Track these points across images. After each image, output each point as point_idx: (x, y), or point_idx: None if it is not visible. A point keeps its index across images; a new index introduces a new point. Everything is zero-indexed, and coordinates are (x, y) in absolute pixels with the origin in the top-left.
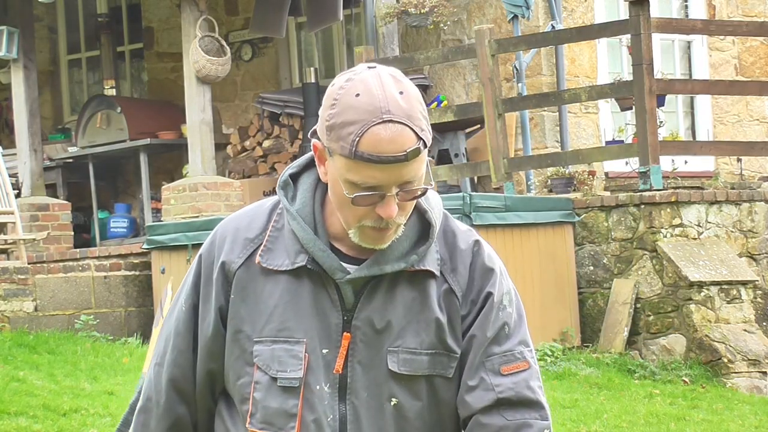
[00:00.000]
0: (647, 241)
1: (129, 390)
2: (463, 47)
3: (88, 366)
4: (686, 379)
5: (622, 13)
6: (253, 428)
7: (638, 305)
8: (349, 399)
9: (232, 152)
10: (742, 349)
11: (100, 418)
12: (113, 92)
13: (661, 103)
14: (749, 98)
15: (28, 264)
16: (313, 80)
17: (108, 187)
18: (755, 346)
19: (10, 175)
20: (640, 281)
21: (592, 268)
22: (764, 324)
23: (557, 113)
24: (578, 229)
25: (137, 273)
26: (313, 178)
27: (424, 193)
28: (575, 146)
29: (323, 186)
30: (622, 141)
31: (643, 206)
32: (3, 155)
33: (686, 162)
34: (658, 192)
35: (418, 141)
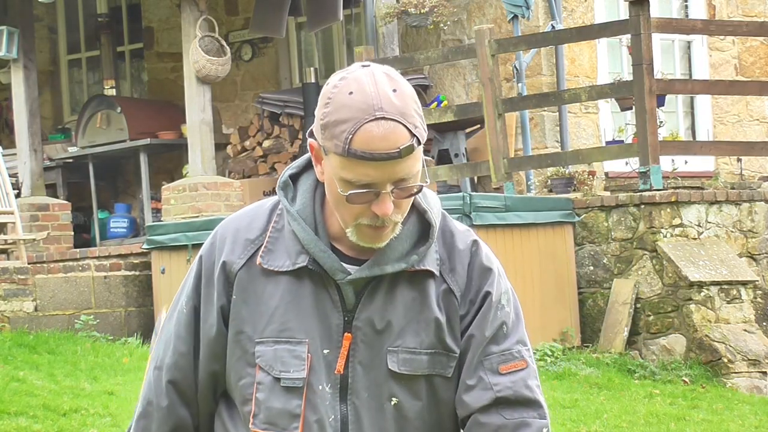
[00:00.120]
0: (647, 241)
1: (129, 390)
2: (463, 47)
3: (88, 366)
4: (686, 379)
5: (622, 13)
6: (256, 428)
7: (638, 305)
8: (350, 399)
9: (232, 152)
10: (742, 349)
11: (100, 418)
12: (113, 92)
13: (661, 103)
14: (749, 98)
15: (28, 264)
16: (313, 80)
17: (108, 187)
18: (755, 346)
19: (10, 175)
20: (640, 281)
21: (592, 268)
22: (764, 324)
23: (557, 113)
24: (578, 229)
25: (137, 273)
26: (312, 179)
27: (419, 190)
28: (575, 146)
29: (323, 186)
30: (622, 141)
31: (643, 206)
32: (3, 155)
33: (686, 162)
34: (658, 192)
35: (411, 138)
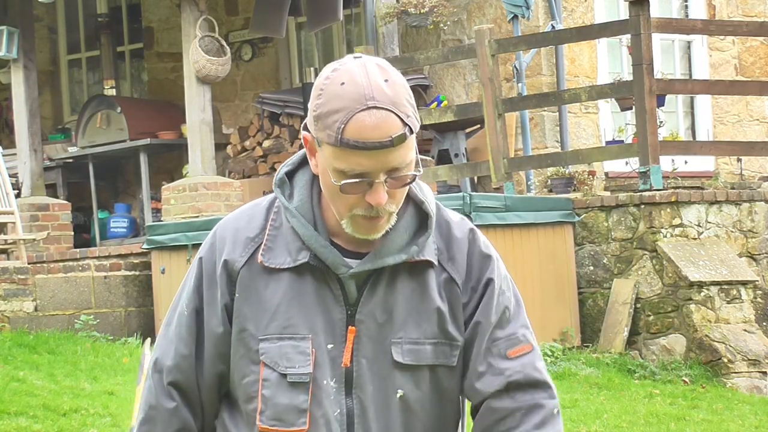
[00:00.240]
0: (647, 241)
1: (129, 390)
2: (463, 47)
3: (88, 366)
4: (686, 379)
5: (622, 13)
6: (264, 425)
7: (638, 305)
8: (355, 393)
9: (232, 152)
10: (742, 349)
11: (100, 418)
12: (113, 92)
13: (661, 103)
14: (749, 98)
15: (28, 264)
16: (313, 80)
17: (108, 187)
18: (755, 346)
19: (10, 175)
20: (640, 281)
21: (592, 268)
22: (764, 324)
23: (557, 113)
24: (578, 229)
25: (137, 273)
26: (308, 175)
27: (413, 179)
28: (575, 146)
29: (319, 182)
30: (622, 141)
31: (643, 206)
32: (3, 155)
33: (686, 162)
34: (658, 192)
35: (403, 127)
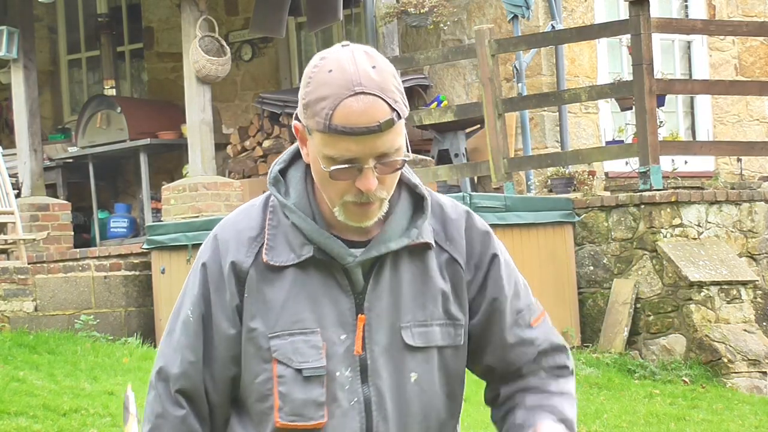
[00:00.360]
0: (647, 241)
1: None
2: (463, 47)
3: (88, 366)
4: (686, 379)
5: (622, 13)
6: (283, 422)
7: (638, 305)
8: (371, 380)
9: (232, 152)
10: (742, 349)
11: (100, 418)
12: (113, 92)
13: (661, 103)
14: (749, 98)
15: (28, 264)
16: None
17: (108, 187)
18: (755, 346)
19: (10, 175)
20: (640, 281)
21: (592, 268)
22: (764, 324)
23: (557, 113)
24: (578, 229)
25: (137, 273)
26: (302, 170)
27: (402, 165)
28: (575, 146)
29: (312, 176)
30: (622, 141)
31: (643, 206)
32: (3, 155)
33: (686, 162)
34: (658, 192)
35: (391, 112)
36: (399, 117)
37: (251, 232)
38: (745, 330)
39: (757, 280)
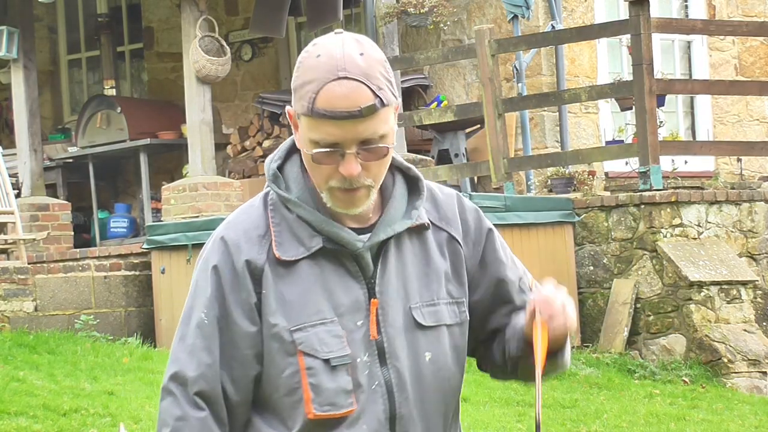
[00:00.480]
0: (647, 241)
1: (129, 390)
2: (463, 47)
3: (88, 366)
4: (686, 379)
5: (622, 13)
6: (318, 413)
7: (638, 305)
8: (389, 362)
9: (232, 152)
10: (742, 349)
11: (100, 418)
12: (113, 92)
13: (661, 103)
14: (749, 98)
15: (28, 264)
16: None
17: (108, 187)
18: (755, 346)
19: (10, 175)
20: (640, 281)
21: (592, 268)
22: (764, 324)
23: (557, 113)
24: (578, 229)
25: (137, 273)
26: (298, 165)
27: (386, 153)
28: (575, 146)
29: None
30: (622, 141)
31: (643, 206)
32: (3, 155)
33: (686, 162)
34: (658, 192)
35: (374, 98)
36: (383, 104)
37: (258, 230)
38: (745, 330)
39: (757, 280)
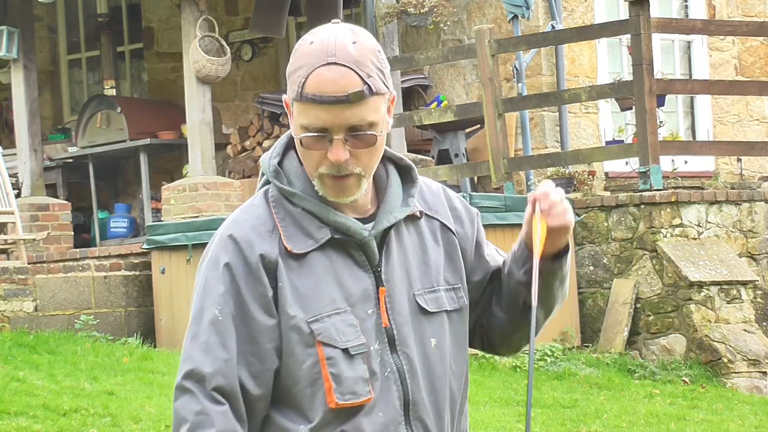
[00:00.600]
0: (647, 241)
1: (129, 390)
2: (463, 47)
3: (88, 366)
4: (686, 379)
5: (622, 13)
6: (340, 402)
7: (638, 305)
8: (400, 349)
9: (232, 152)
10: (742, 349)
11: (100, 418)
12: (113, 92)
13: (661, 103)
14: (749, 98)
15: (28, 264)
16: None
17: (108, 187)
18: (755, 346)
19: (10, 175)
20: (640, 281)
21: (592, 268)
22: (764, 324)
23: (557, 113)
24: (578, 229)
25: (137, 273)
26: (296, 160)
27: (374, 141)
28: (575, 146)
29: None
30: (622, 141)
31: (643, 206)
32: (3, 155)
33: (686, 162)
34: (658, 192)
35: (363, 85)
36: (371, 91)
37: (266, 225)
38: (745, 330)
39: (757, 280)
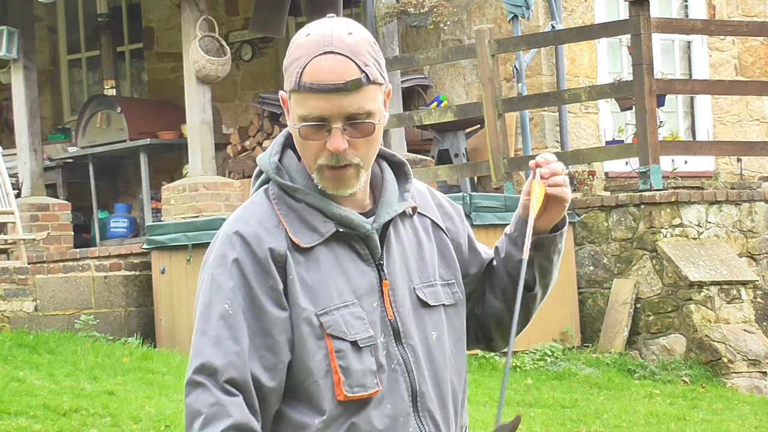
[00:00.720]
0: (647, 241)
1: (129, 390)
2: (463, 47)
3: (88, 366)
4: (686, 379)
5: (622, 13)
6: (349, 394)
7: (638, 305)
8: (405, 342)
9: (232, 152)
10: (742, 349)
11: (100, 418)
12: (113, 92)
13: (661, 103)
14: (749, 98)
15: (28, 264)
16: None
17: (108, 187)
18: (755, 346)
19: (10, 175)
20: (640, 281)
21: (592, 268)
22: (764, 324)
23: (557, 113)
24: (578, 229)
25: (137, 273)
26: (295, 157)
27: (373, 130)
28: (575, 146)
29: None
30: (622, 141)
31: (643, 206)
32: (3, 155)
33: (686, 162)
34: (658, 192)
35: (360, 73)
36: (368, 80)
37: (271, 221)
38: (745, 330)
39: (757, 280)
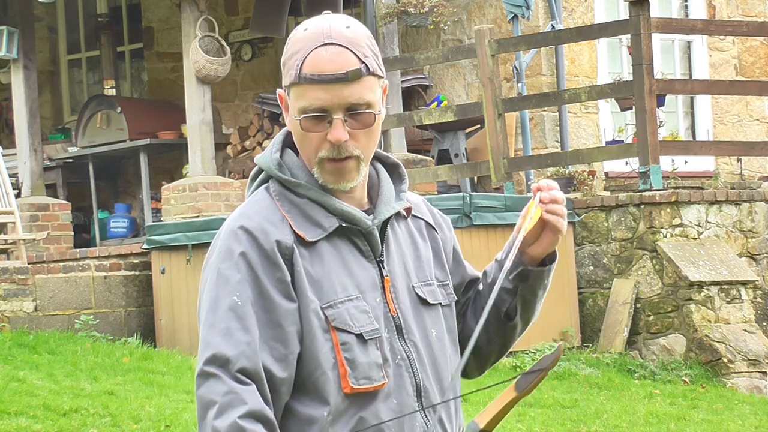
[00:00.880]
0: (647, 241)
1: (129, 390)
2: (463, 47)
3: (88, 366)
4: (686, 379)
5: (622, 13)
6: (356, 387)
7: (638, 305)
8: (407, 337)
9: (232, 152)
10: (742, 349)
11: (100, 418)
12: (113, 92)
13: (661, 103)
14: (749, 98)
15: (28, 264)
16: None
17: (108, 187)
18: (755, 346)
19: (10, 175)
20: (640, 281)
21: (592, 268)
22: (764, 324)
23: (557, 113)
24: (578, 229)
25: (137, 273)
26: (294, 155)
27: (373, 121)
28: (575, 146)
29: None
30: (622, 141)
31: (643, 206)
32: (3, 155)
33: (686, 162)
34: (658, 192)
35: (360, 64)
36: (368, 70)
37: (275, 216)
38: (745, 330)
39: (757, 280)
